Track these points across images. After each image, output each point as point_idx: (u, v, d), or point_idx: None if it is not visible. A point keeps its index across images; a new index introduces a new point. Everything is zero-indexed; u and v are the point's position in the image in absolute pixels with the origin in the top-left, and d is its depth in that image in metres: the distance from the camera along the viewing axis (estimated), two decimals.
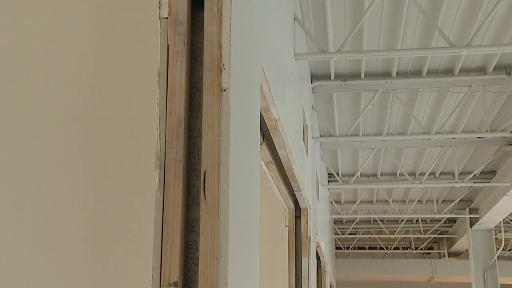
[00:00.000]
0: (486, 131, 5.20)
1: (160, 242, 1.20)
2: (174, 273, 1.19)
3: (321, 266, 6.85)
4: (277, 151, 3.04)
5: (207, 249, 1.22)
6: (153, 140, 1.30)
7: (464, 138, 6.18)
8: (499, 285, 7.96)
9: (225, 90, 1.37)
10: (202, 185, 1.29)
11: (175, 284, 1.18)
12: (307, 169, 4.51)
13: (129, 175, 1.31)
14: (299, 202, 4.10)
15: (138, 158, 1.33)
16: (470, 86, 4.95)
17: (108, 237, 1.22)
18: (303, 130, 4.34)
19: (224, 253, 1.23)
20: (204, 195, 1.28)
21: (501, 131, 5.62)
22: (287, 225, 4.04)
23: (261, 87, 2.10)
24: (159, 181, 1.25)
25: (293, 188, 3.77)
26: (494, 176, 7.40)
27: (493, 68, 4.84)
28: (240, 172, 1.48)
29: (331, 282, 8.83)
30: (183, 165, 1.28)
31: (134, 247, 1.20)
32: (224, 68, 1.37)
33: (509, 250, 11.60)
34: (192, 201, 1.30)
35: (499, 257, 8.32)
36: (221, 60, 1.37)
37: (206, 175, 1.29)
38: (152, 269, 1.16)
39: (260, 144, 2.69)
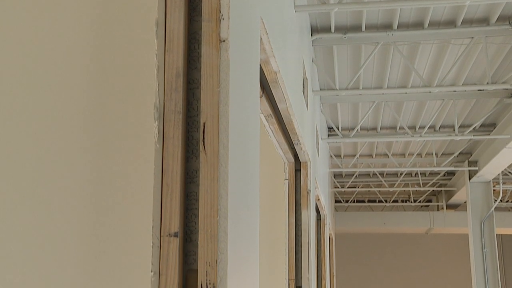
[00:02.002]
0: (487, 83, 5.17)
1: (160, 193, 1.20)
2: (174, 224, 1.20)
3: (320, 219, 6.93)
4: (277, 104, 3.02)
5: (207, 200, 1.23)
6: (152, 92, 1.29)
7: (465, 90, 6.15)
8: (495, 235, 8.08)
9: (224, 41, 1.35)
10: (202, 137, 1.28)
11: (175, 234, 1.19)
12: (307, 123, 4.50)
13: (129, 126, 1.31)
14: (298, 156, 4.11)
15: (137, 109, 1.32)
16: (472, 37, 4.89)
17: (108, 189, 1.23)
18: (303, 84, 4.31)
19: (224, 204, 1.24)
20: (204, 146, 1.28)
21: (502, 83, 5.58)
22: (287, 178, 4.06)
23: (261, 38, 2.08)
24: (158, 132, 1.25)
25: (293, 142, 3.78)
26: (494, 128, 7.40)
27: (496, 18, 4.77)
28: (239, 124, 1.48)
29: (330, 234, 8.97)
30: (182, 117, 1.28)
31: (134, 198, 1.21)
32: (223, 19, 1.34)
33: (507, 202, 11.73)
34: (191, 152, 1.30)
35: (496, 209, 8.42)
36: (220, 10, 1.34)
37: (206, 126, 1.29)
38: (152, 220, 1.17)
39: (260, 97, 2.68)
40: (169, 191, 1.21)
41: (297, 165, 4.22)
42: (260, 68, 2.42)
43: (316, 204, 5.91)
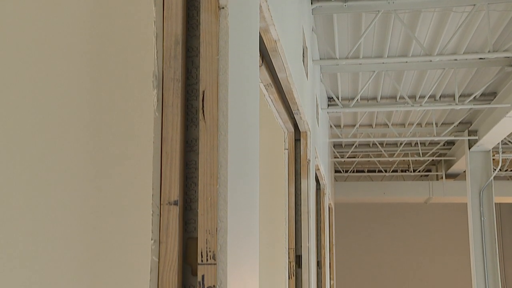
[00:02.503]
0: (488, 51, 5.12)
1: (159, 162, 1.20)
2: (174, 192, 1.20)
3: (320, 189, 6.96)
4: (276, 74, 3.00)
5: (207, 168, 1.23)
6: (150, 60, 1.27)
7: (466, 59, 6.11)
8: (494, 204, 8.13)
9: (223, 8, 1.33)
10: (201, 105, 1.27)
11: (175, 202, 1.19)
12: (306, 92, 4.48)
13: (127, 95, 1.30)
14: (298, 125, 4.11)
15: (136, 78, 1.31)
16: (474, 5, 4.83)
17: (108, 158, 1.23)
18: (303, 53, 4.28)
19: (224, 173, 1.24)
20: (203, 114, 1.27)
21: (504, 51, 5.53)
22: (287, 148, 4.06)
23: (260, 6, 2.05)
24: (158, 101, 1.24)
25: (293, 111, 3.77)
26: (495, 98, 7.37)
27: None
28: (239, 93, 1.46)
29: (330, 204, 9.02)
30: (181, 85, 1.27)
31: (133, 167, 1.21)
32: None
33: (506, 171, 11.77)
34: (191, 121, 1.29)
35: (495, 178, 8.45)
36: None
37: (205, 94, 1.28)
38: (152, 188, 1.17)
39: (260, 66, 2.66)
40: (168, 160, 1.21)
41: (297, 135, 4.22)
42: (260, 36, 2.40)
43: (315, 173, 5.93)
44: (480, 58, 6.06)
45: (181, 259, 1.18)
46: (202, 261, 1.18)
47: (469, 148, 8.65)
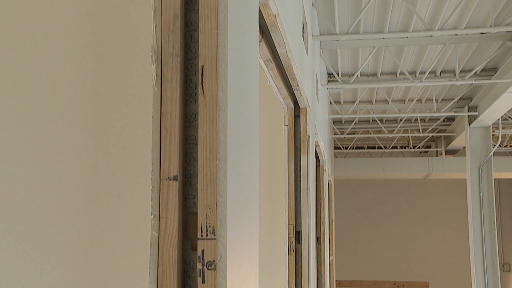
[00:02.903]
0: (490, 25, 5.08)
1: (158, 137, 1.20)
2: (174, 167, 1.19)
3: (320, 165, 6.97)
4: (276, 49, 2.98)
5: (206, 143, 1.22)
6: (149, 34, 1.26)
7: (467, 34, 6.06)
8: (493, 180, 8.15)
9: None
10: (200, 80, 1.26)
11: (175, 178, 1.19)
12: (306, 68, 4.46)
13: (126, 70, 1.29)
14: (298, 102, 4.09)
15: (134, 52, 1.29)
16: None
17: (107, 133, 1.22)
18: (303, 28, 4.24)
19: (223, 148, 1.23)
20: (202, 89, 1.26)
21: (505, 25, 5.48)
22: (286, 124, 4.05)
23: None
24: (156, 75, 1.23)
25: (292, 87, 3.75)
26: (495, 73, 7.34)
27: None
28: (238, 68, 1.45)
29: (329, 180, 9.04)
30: (180, 59, 1.26)
31: (133, 142, 1.20)
32: None
33: (505, 146, 11.78)
34: (190, 96, 1.28)
35: (494, 153, 8.46)
36: None
37: (204, 69, 1.27)
38: (152, 163, 1.17)
39: (259, 42, 2.63)
40: (168, 135, 1.20)
41: (297, 111, 4.20)
42: (259, 11, 2.37)
43: (315, 150, 5.93)
44: (481, 33, 6.02)
45: (181, 234, 1.19)
46: (202, 236, 1.18)
47: (469, 124, 8.64)
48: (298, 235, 4.13)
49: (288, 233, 3.75)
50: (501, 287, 7.71)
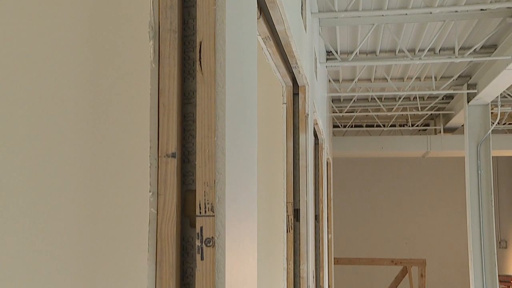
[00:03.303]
0: (490, 2, 5.03)
1: (156, 114, 1.19)
2: (172, 145, 1.19)
3: (318, 144, 6.97)
4: (274, 26, 2.96)
5: (204, 121, 1.22)
6: (146, 10, 1.25)
7: (467, 10, 6.01)
8: (491, 157, 8.16)
9: None
10: (198, 56, 1.25)
11: (173, 155, 1.18)
12: (305, 46, 4.43)
13: (123, 46, 1.28)
14: (297, 79, 4.07)
15: (132, 28, 1.28)
16: None
17: (105, 110, 1.21)
18: (302, 5, 4.20)
19: (221, 125, 1.23)
20: (200, 66, 1.25)
21: (506, 1, 5.44)
22: (285, 102, 4.04)
23: None
24: (154, 52, 1.22)
25: (291, 65, 3.73)
26: (495, 50, 7.30)
27: None
28: (237, 44, 1.44)
29: (328, 159, 9.05)
30: (178, 36, 1.24)
31: (130, 119, 1.20)
32: None
33: (504, 124, 11.78)
34: (188, 73, 1.27)
35: (493, 131, 8.44)
36: None
37: (202, 46, 1.26)
38: (150, 141, 1.16)
39: (258, 19, 2.61)
40: (165, 112, 1.20)
41: (295, 89, 4.18)
42: None
43: (314, 128, 5.92)
44: (481, 9, 5.97)
45: (179, 211, 1.19)
46: (200, 213, 1.18)
47: (468, 102, 8.63)
48: (296, 213, 4.15)
49: (287, 211, 3.76)
50: (497, 263, 7.77)
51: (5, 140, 1.24)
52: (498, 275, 7.79)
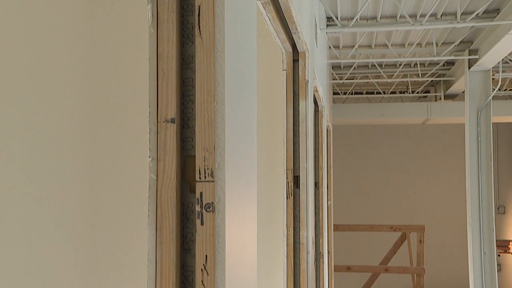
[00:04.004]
0: None
1: (155, 79, 1.18)
2: (171, 110, 1.18)
3: (318, 111, 6.95)
4: None
5: (204, 86, 1.21)
6: None
7: None
8: (491, 124, 8.15)
9: None
10: (197, 21, 1.24)
11: (172, 120, 1.18)
12: (305, 11, 4.38)
13: (121, 11, 1.26)
14: (296, 46, 4.03)
15: None
16: None
17: (103, 75, 1.20)
18: None
19: (221, 90, 1.22)
20: (199, 30, 1.23)
21: None
22: (285, 69, 4.01)
23: None
24: (152, 16, 1.20)
25: (291, 31, 3.69)
26: (498, 14, 7.22)
27: None
28: (236, 9, 1.42)
29: (328, 126, 9.05)
30: (177, 0, 1.22)
31: (129, 84, 1.19)
32: None
33: (505, 90, 11.73)
34: (187, 37, 1.26)
35: (494, 97, 8.40)
36: None
37: (201, 9, 1.24)
38: (149, 106, 1.16)
39: None
40: (164, 77, 1.19)
41: (295, 55, 4.15)
42: None
43: (314, 95, 5.90)
44: None
45: (179, 177, 1.19)
46: (200, 178, 1.18)
47: (469, 68, 8.57)
48: (296, 179, 4.17)
49: (287, 178, 3.78)
50: (495, 228, 7.84)
51: None
52: (496, 240, 7.87)
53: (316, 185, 6.88)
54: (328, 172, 9.31)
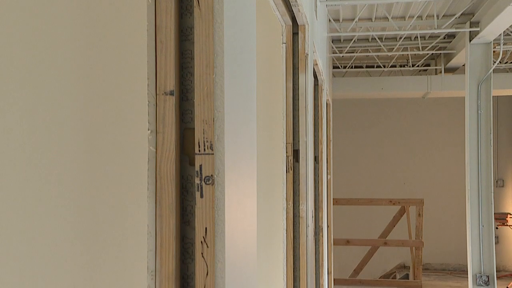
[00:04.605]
0: None
1: (154, 51, 1.17)
2: (170, 82, 1.17)
3: (318, 85, 6.92)
4: None
5: (202, 58, 1.19)
6: None
7: None
8: (491, 97, 8.12)
9: None
10: None
11: (171, 92, 1.17)
12: None
13: None
14: (296, 18, 4.00)
15: None
16: None
17: (101, 47, 1.19)
18: None
19: (220, 62, 1.21)
20: (198, 1, 1.22)
21: None
22: (284, 42, 3.98)
23: None
24: None
25: (291, 3, 3.65)
26: None
27: None
28: None
29: (327, 100, 9.02)
30: None
31: (127, 56, 1.17)
32: None
33: (506, 63, 11.66)
34: (185, 9, 1.24)
35: (494, 70, 8.35)
36: None
37: None
38: (147, 78, 1.14)
39: None
40: (163, 49, 1.17)
41: (295, 28, 4.11)
42: None
43: (314, 69, 5.86)
44: None
45: (178, 149, 1.18)
46: (199, 151, 1.18)
47: (470, 41, 8.50)
48: (296, 153, 4.17)
49: (286, 152, 3.78)
50: (493, 201, 7.88)
51: None
52: (494, 213, 7.91)
53: (316, 159, 6.89)
54: (328, 146, 9.32)
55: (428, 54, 11.93)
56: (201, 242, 1.17)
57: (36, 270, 1.15)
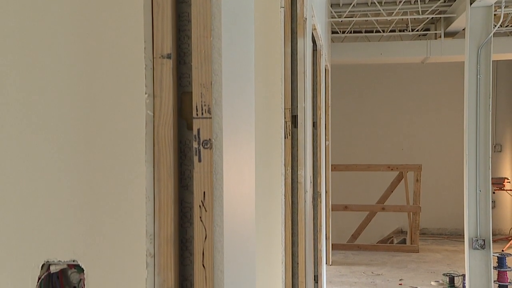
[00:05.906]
0: None
1: (150, 13, 1.15)
2: (167, 45, 1.15)
3: (316, 50, 6.86)
4: None
5: (200, 20, 1.17)
6: None
7: None
8: (491, 61, 8.06)
9: None
10: None
11: (168, 56, 1.15)
12: None
13: None
14: None
15: None
16: None
17: (97, 8, 1.16)
18: None
19: (217, 24, 1.19)
20: None
21: None
22: (283, 6, 3.92)
23: None
24: None
25: None
26: None
27: None
28: None
29: (326, 66, 8.96)
30: None
31: (123, 18, 1.15)
32: None
33: (506, 26, 11.54)
34: None
35: (494, 34, 8.27)
36: None
37: None
38: (144, 41, 1.13)
39: None
40: (160, 11, 1.15)
41: None
42: None
43: (312, 34, 5.81)
44: None
45: (176, 113, 1.17)
46: (197, 115, 1.17)
47: (471, 4, 8.39)
48: (294, 119, 4.16)
49: (285, 117, 3.77)
50: (491, 166, 7.91)
51: None
52: (492, 178, 7.94)
53: (314, 125, 6.89)
54: (326, 112, 9.30)
55: (427, 18, 11.80)
56: (200, 206, 1.17)
57: (33, 239, 1.16)
